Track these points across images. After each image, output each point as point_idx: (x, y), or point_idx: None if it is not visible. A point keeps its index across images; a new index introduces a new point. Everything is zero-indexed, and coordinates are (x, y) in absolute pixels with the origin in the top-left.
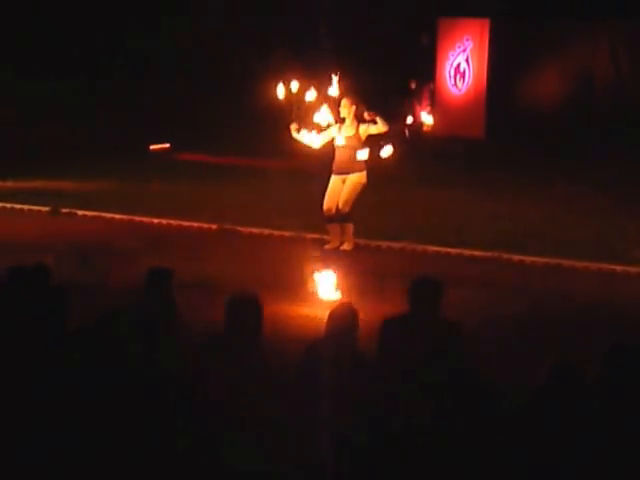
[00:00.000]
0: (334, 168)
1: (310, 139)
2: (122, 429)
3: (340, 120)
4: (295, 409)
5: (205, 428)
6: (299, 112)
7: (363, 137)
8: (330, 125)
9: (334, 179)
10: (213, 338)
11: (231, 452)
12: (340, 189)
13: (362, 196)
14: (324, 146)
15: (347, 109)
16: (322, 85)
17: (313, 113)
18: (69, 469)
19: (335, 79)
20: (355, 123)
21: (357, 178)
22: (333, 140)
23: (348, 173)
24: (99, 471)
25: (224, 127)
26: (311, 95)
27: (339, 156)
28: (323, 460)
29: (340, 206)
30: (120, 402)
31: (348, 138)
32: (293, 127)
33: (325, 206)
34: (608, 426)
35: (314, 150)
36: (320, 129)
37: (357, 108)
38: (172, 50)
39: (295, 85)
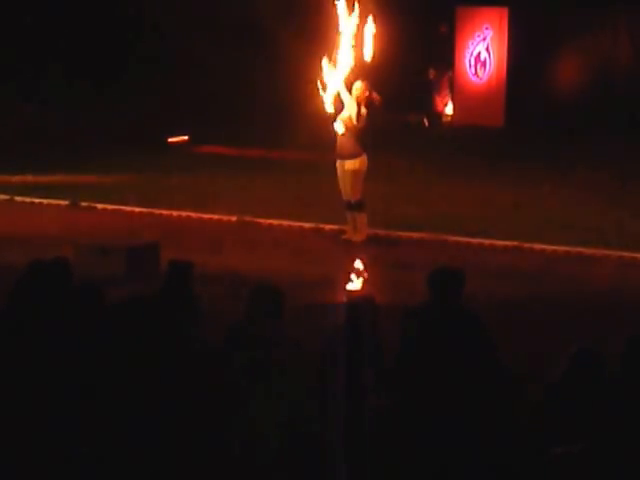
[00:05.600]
0: (336, 153)
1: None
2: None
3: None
4: (314, 397)
5: (222, 413)
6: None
7: (359, 124)
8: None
9: (338, 165)
10: (234, 326)
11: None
12: (344, 175)
13: (381, 186)
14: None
15: (360, 93)
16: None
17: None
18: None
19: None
20: (361, 108)
21: (354, 165)
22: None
23: (345, 158)
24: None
25: (242, 119)
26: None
27: (339, 140)
28: (335, 447)
29: (350, 194)
30: (140, 390)
31: (349, 119)
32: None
33: (344, 193)
34: (628, 411)
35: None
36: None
37: (370, 94)
38: (189, 41)
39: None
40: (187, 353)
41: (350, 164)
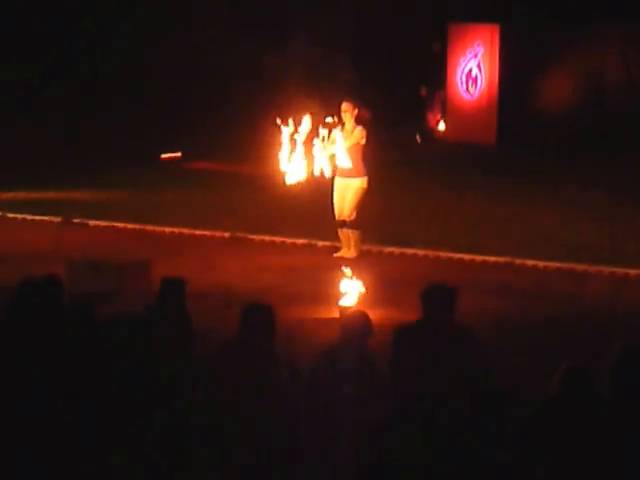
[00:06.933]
0: (337, 171)
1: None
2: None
3: (341, 125)
4: (308, 413)
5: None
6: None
7: (362, 142)
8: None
9: (337, 182)
10: (227, 344)
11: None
12: (345, 192)
13: (374, 202)
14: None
15: (349, 113)
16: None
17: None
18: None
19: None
20: (355, 127)
21: (359, 184)
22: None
23: (351, 177)
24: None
25: (235, 135)
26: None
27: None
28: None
29: (346, 214)
30: (131, 406)
31: (348, 142)
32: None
33: (336, 211)
34: (621, 429)
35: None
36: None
37: (359, 111)
38: (183, 58)
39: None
40: (178, 372)
41: (358, 182)
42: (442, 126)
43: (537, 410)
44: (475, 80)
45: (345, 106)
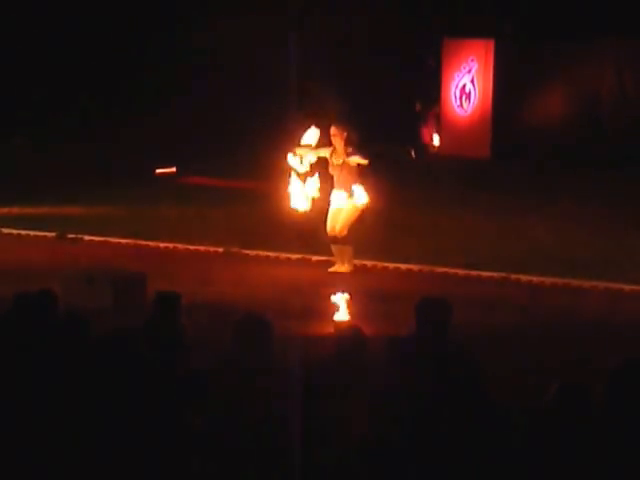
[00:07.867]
0: (335, 185)
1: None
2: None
3: (333, 148)
4: (302, 428)
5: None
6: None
7: (353, 164)
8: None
9: (335, 195)
10: (222, 358)
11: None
12: (341, 208)
13: (368, 217)
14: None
15: (338, 137)
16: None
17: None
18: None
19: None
20: (346, 149)
21: (356, 203)
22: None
23: (349, 196)
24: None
25: (229, 151)
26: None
27: (337, 177)
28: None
29: (337, 229)
30: (124, 423)
31: (339, 166)
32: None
33: (329, 227)
34: (617, 443)
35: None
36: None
37: (348, 135)
38: (180, 75)
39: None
40: (172, 385)
41: (354, 201)
42: (436, 141)
43: (532, 425)
44: (468, 95)
45: (334, 130)
